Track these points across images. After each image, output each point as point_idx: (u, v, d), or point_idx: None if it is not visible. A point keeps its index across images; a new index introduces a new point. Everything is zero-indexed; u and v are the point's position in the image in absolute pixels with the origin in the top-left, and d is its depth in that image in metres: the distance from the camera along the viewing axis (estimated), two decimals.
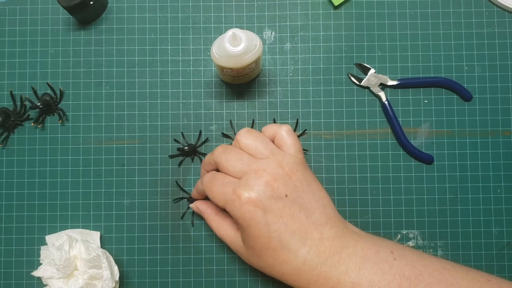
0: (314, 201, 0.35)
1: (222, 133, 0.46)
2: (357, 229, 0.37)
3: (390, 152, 0.46)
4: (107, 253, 0.43)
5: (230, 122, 0.46)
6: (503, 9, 0.47)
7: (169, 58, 0.47)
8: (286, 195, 0.34)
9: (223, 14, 0.47)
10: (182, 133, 0.46)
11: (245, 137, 0.36)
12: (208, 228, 0.45)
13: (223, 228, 0.39)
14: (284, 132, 0.37)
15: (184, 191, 0.45)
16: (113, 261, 0.42)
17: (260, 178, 0.33)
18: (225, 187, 0.34)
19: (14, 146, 0.46)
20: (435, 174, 0.45)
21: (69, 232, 0.44)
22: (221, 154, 0.36)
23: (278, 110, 0.46)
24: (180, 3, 0.47)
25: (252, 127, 0.46)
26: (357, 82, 0.46)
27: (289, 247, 0.33)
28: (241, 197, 0.33)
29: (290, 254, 0.33)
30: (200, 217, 0.45)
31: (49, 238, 0.44)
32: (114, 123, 0.46)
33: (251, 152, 0.36)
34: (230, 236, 0.38)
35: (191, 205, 0.43)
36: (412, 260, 0.34)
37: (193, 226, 0.45)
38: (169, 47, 0.47)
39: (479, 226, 0.45)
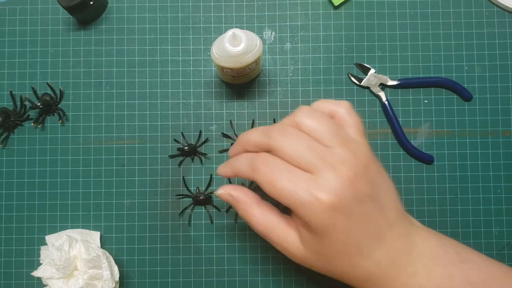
0: (387, 195, 0.31)
1: (222, 133, 0.46)
2: (418, 222, 0.34)
3: (390, 152, 0.46)
4: (107, 253, 0.43)
5: (230, 122, 0.46)
6: (503, 9, 0.47)
7: (169, 58, 0.47)
8: (368, 195, 0.29)
9: (223, 14, 0.47)
10: (182, 133, 0.46)
11: (309, 117, 0.30)
12: (208, 228, 0.45)
13: (269, 222, 0.32)
14: (344, 110, 0.32)
15: (189, 190, 0.45)
16: (113, 261, 0.42)
17: (341, 176, 0.28)
18: (297, 185, 0.28)
19: (14, 146, 0.46)
20: (435, 174, 0.45)
21: (69, 232, 0.44)
22: (281, 137, 0.30)
23: (278, 110, 0.46)
24: (180, 3, 0.47)
25: (252, 127, 0.46)
26: (357, 82, 0.46)
27: (364, 251, 0.30)
28: (323, 202, 0.28)
29: (364, 258, 0.30)
30: (199, 217, 0.45)
31: (49, 238, 0.44)
32: (114, 123, 0.46)
33: (317, 138, 0.30)
34: (281, 233, 0.32)
35: (219, 192, 0.34)
36: (478, 264, 0.32)
37: (189, 225, 0.45)
38: (169, 47, 0.47)
39: (479, 226, 0.45)
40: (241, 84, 0.46)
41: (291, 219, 0.32)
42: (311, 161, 0.29)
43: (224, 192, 0.34)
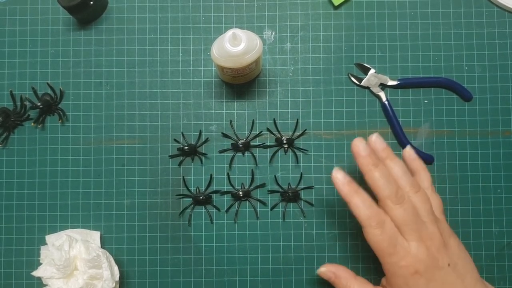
0: (465, 264, 0.37)
1: (222, 133, 0.46)
2: (490, 286, 0.39)
3: None
4: (107, 253, 0.43)
5: (230, 122, 0.46)
6: (503, 9, 0.47)
7: (169, 58, 0.47)
8: (449, 265, 0.35)
9: (223, 14, 0.47)
10: (182, 133, 0.46)
11: (421, 196, 0.37)
12: (208, 228, 0.45)
13: None
14: (430, 189, 0.40)
15: (189, 190, 0.45)
16: (113, 261, 0.42)
17: (427, 248, 0.35)
18: (396, 249, 0.35)
19: (14, 146, 0.46)
20: (435, 174, 0.45)
21: (69, 232, 0.44)
22: (399, 206, 0.36)
23: (278, 110, 0.46)
24: (180, 3, 0.47)
25: (252, 127, 0.46)
26: (357, 82, 0.46)
27: None
28: (409, 268, 0.35)
29: None
30: (199, 217, 0.45)
31: (49, 238, 0.44)
32: (114, 123, 0.46)
33: (419, 211, 0.36)
34: None
35: (322, 270, 0.40)
36: None
37: (189, 225, 0.45)
38: (169, 47, 0.47)
39: (479, 226, 0.45)
40: (241, 84, 0.46)
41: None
42: (410, 231, 0.35)
43: (326, 270, 0.40)
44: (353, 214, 0.36)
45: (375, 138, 0.39)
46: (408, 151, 0.41)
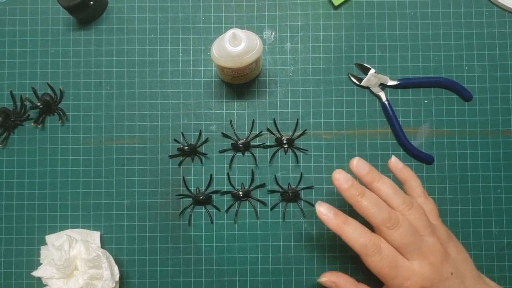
0: (466, 267, 0.36)
1: (222, 133, 0.46)
2: (491, 281, 0.39)
3: (390, 152, 0.46)
4: (107, 253, 0.43)
5: (230, 122, 0.46)
6: (503, 9, 0.47)
7: (169, 58, 0.47)
8: (451, 273, 0.35)
9: (223, 14, 0.47)
10: (182, 133, 0.46)
11: (416, 211, 0.36)
12: (208, 228, 0.45)
13: None
14: (423, 196, 0.38)
15: (189, 190, 0.45)
16: (113, 261, 0.42)
17: (431, 264, 0.34)
18: (398, 271, 0.34)
19: (14, 146, 0.46)
20: (435, 174, 0.45)
21: (69, 232, 0.44)
22: (398, 232, 0.35)
23: (278, 110, 0.46)
24: (180, 3, 0.47)
25: (252, 127, 0.46)
26: (357, 82, 0.46)
27: None
28: (415, 286, 0.34)
29: None
30: (199, 217, 0.45)
31: (49, 238, 0.44)
32: (114, 123, 0.46)
33: (417, 227, 0.35)
34: None
35: (323, 280, 0.39)
36: None
37: (189, 225, 0.45)
38: (169, 47, 0.47)
39: (479, 226, 0.45)
40: (241, 84, 0.46)
41: None
42: (411, 252, 0.35)
43: (327, 280, 0.39)
44: (348, 244, 0.35)
45: (356, 162, 0.37)
46: (394, 161, 0.40)
